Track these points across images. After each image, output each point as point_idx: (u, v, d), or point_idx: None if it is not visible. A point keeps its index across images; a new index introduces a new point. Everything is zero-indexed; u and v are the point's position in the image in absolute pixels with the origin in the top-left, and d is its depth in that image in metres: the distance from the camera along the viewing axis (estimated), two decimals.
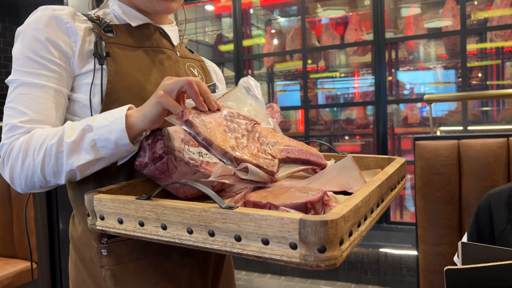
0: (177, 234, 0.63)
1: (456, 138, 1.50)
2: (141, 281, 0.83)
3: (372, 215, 0.68)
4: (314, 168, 0.83)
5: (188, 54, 1.04)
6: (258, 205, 0.64)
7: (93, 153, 0.73)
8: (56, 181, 0.75)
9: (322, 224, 0.51)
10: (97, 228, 0.72)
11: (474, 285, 0.90)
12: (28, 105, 0.76)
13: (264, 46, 3.89)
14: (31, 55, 0.78)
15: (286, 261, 0.54)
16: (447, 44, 3.35)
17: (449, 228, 1.49)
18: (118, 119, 0.72)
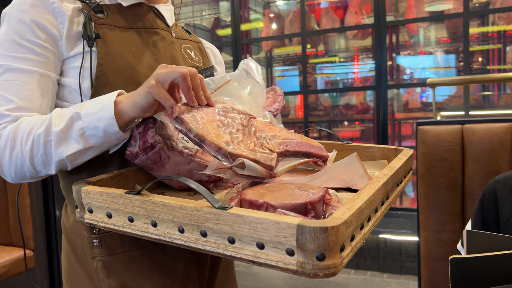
0: (168, 232, 0.59)
1: (460, 123, 1.46)
2: (134, 272, 0.80)
3: (376, 214, 0.63)
4: (315, 160, 0.79)
5: (184, 35, 0.99)
6: (254, 204, 0.60)
7: (82, 142, 0.70)
8: (47, 171, 0.72)
9: (322, 231, 0.47)
10: (86, 222, 0.69)
11: (479, 275, 0.87)
12: (15, 92, 0.73)
13: (263, 30, 3.82)
14: (17, 38, 0.74)
15: (282, 268, 0.50)
16: (449, 27, 3.29)
17: (452, 215, 1.46)
18: (106, 106, 0.68)
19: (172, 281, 0.83)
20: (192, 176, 0.78)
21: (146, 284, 0.81)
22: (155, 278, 0.81)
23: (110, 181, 0.73)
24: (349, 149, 0.95)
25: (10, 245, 2.35)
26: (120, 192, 0.63)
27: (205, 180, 0.80)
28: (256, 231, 0.51)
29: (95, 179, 0.71)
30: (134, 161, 0.75)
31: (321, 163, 0.80)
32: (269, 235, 0.50)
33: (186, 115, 0.66)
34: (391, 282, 2.87)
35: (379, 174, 0.69)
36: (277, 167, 0.72)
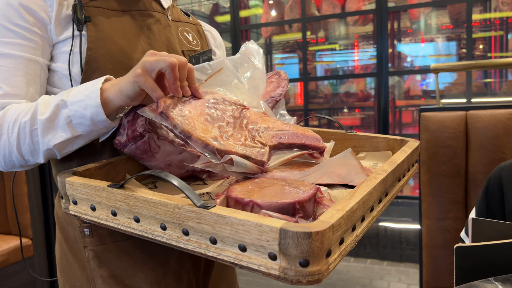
0: (150, 229, 0.57)
1: (464, 109, 1.43)
2: (126, 262, 0.78)
3: (372, 213, 0.60)
4: (311, 152, 0.75)
5: (182, 17, 0.95)
6: (240, 202, 0.57)
7: (69, 131, 0.67)
8: (35, 160, 0.70)
9: (306, 236, 0.43)
10: (71, 213, 0.66)
11: (484, 263, 0.85)
12: (2, 79, 0.71)
13: (262, 16, 3.76)
14: (4, 22, 0.72)
15: (264, 272, 0.47)
16: (451, 13, 3.24)
17: (455, 203, 1.44)
18: (93, 93, 0.65)
19: (166, 271, 0.81)
20: (183, 167, 0.75)
21: (138, 274, 0.79)
22: (148, 268, 0.79)
23: (98, 170, 0.70)
24: (352, 138, 0.92)
25: (8, 233, 2.34)
26: (102, 185, 0.61)
27: (198, 170, 0.77)
28: (238, 233, 0.48)
29: (82, 168, 0.68)
30: (123, 150, 0.72)
31: (318, 155, 0.76)
32: (251, 237, 0.47)
33: (171, 110, 0.63)
34: (391, 269, 2.86)
35: (377, 170, 0.65)
36: (269, 161, 0.68)
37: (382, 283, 2.69)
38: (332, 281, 2.74)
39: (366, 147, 0.91)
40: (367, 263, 2.98)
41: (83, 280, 0.80)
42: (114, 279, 0.78)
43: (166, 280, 0.81)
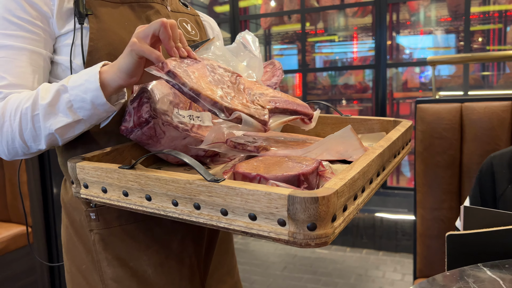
0: (162, 206, 0.59)
1: (459, 101, 1.45)
2: (130, 245, 0.81)
3: (371, 185, 0.63)
4: (302, 118, 0.78)
5: (181, 8, 0.97)
6: (247, 177, 0.59)
7: (71, 115, 0.69)
8: (37, 146, 0.72)
9: (313, 201, 0.46)
10: (82, 197, 0.68)
11: (475, 250, 0.88)
12: (6, 69, 0.72)
13: (261, 6, 3.76)
14: (8, 15, 0.73)
15: (274, 238, 0.50)
16: (450, 5, 3.24)
17: (449, 193, 1.46)
18: (92, 77, 0.67)
19: (168, 254, 0.84)
20: (188, 151, 0.77)
21: (142, 257, 0.81)
22: (151, 251, 0.82)
23: (105, 156, 0.72)
24: (348, 122, 0.95)
25: (8, 221, 2.36)
26: (114, 167, 0.63)
27: (201, 155, 0.79)
28: (248, 203, 0.51)
29: (89, 155, 0.70)
30: (129, 136, 0.74)
31: (307, 121, 0.79)
32: (260, 206, 0.50)
33: (178, 70, 0.64)
34: (386, 259, 2.90)
35: (375, 145, 0.69)
36: (269, 122, 0.71)
37: (377, 273, 2.72)
38: (329, 270, 2.78)
39: (361, 129, 0.94)
40: (363, 253, 3.02)
41: (88, 262, 0.82)
42: (119, 261, 0.80)
43: (168, 263, 0.84)
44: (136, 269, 0.81)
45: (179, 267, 0.85)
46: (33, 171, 2.31)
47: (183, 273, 0.86)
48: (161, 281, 0.83)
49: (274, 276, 2.73)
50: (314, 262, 2.91)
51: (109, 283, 0.80)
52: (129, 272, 0.81)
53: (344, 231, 3.14)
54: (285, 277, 2.70)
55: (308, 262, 2.91)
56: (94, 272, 0.82)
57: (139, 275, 0.81)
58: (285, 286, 2.60)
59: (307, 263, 2.90)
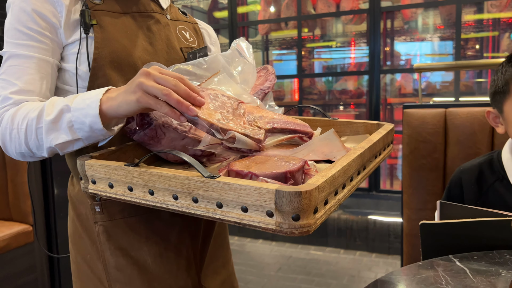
0: (164, 199, 0.66)
1: (444, 107, 1.53)
2: (131, 236, 0.87)
3: (352, 183, 0.70)
4: (301, 136, 0.85)
5: (180, 16, 1.03)
6: (240, 174, 0.66)
7: (70, 134, 0.74)
8: (40, 153, 0.77)
9: (297, 194, 0.53)
10: (90, 192, 0.75)
11: (448, 240, 0.94)
12: (18, 77, 0.79)
13: (259, 13, 3.84)
14: (19, 26, 0.80)
15: (263, 228, 0.57)
16: (443, 13, 3.32)
17: (433, 194, 1.53)
18: (93, 103, 0.72)
19: (167, 245, 0.90)
20: (186, 151, 0.84)
21: (142, 247, 0.88)
22: (151, 242, 0.89)
23: (111, 155, 0.79)
24: (335, 124, 1.02)
25: (10, 220, 2.41)
26: (120, 165, 0.69)
27: (198, 155, 0.86)
28: (240, 197, 0.58)
29: (97, 153, 0.77)
30: (133, 137, 0.81)
31: (307, 139, 0.86)
32: (251, 199, 0.57)
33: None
34: (379, 261, 2.96)
35: (356, 147, 0.76)
36: (265, 141, 0.78)
37: (369, 274, 2.79)
38: (322, 271, 2.84)
39: (347, 132, 1.01)
40: (357, 255, 3.08)
41: (93, 252, 0.89)
42: (121, 252, 0.87)
43: (167, 254, 0.90)
44: (137, 258, 0.88)
45: (176, 258, 0.92)
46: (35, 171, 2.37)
47: (180, 264, 0.92)
48: (160, 270, 0.89)
49: (268, 276, 2.79)
50: (308, 263, 2.97)
51: (112, 271, 0.87)
52: (130, 261, 0.87)
53: (338, 233, 3.21)
54: (279, 278, 2.76)
55: (303, 263, 2.97)
56: (98, 262, 0.88)
57: (139, 264, 0.88)
58: (279, 286, 2.66)
59: (301, 264, 2.96)
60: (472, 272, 0.82)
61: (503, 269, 0.83)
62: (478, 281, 0.78)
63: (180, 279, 0.92)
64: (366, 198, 3.30)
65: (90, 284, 0.90)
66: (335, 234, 3.21)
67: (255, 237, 3.43)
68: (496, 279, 0.79)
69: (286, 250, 3.19)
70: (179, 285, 0.92)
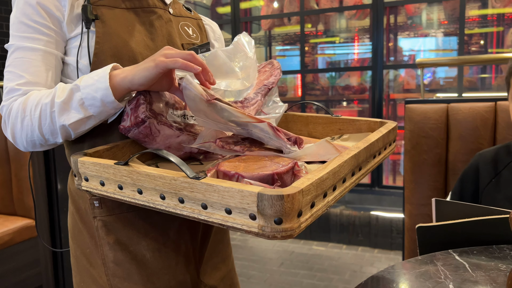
0: (152, 199, 0.66)
1: (446, 102, 1.52)
2: (131, 231, 0.88)
3: (344, 184, 0.68)
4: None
5: (184, 12, 1.03)
6: (227, 175, 0.66)
7: (82, 111, 0.76)
8: (54, 139, 0.79)
9: (278, 198, 0.52)
10: (83, 189, 0.75)
11: (444, 240, 0.94)
12: (24, 68, 0.80)
13: (262, 8, 3.83)
14: (24, 19, 0.81)
15: (246, 230, 0.56)
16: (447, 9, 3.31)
17: (435, 190, 1.53)
18: (102, 78, 0.74)
19: (166, 241, 0.90)
20: (182, 148, 0.84)
21: (141, 242, 0.88)
22: (150, 237, 0.89)
23: (106, 152, 0.79)
24: (337, 122, 1.00)
25: (14, 214, 2.43)
26: (110, 163, 0.70)
27: (195, 152, 0.86)
28: (224, 198, 0.57)
29: (92, 150, 0.77)
30: (127, 134, 0.81)
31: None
32: (234, 201, 0.56)
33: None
34: (381, 257, 2.97)
35: (352, 147, 0.74)
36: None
37: (372, 269, 2.79)
38: (324, 266, 2.85)
39: (349, 130, 0.99)
40: (359, 251, 3.09)
41: (92, 246, 0.89)
42: (120, 246, 0.87)
43: (166, 249, 0.90)
44: (136, 253, 0.88)
45: (175, 253, 0.92)
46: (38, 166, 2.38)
47: (179, 259, 0.92)
48: (158, 265, 0.90)
49: (271, 271, 2.80)
50: (311, 258, 2.98)
51: (111, 266, 0.87)
52: (129, 256, 0.88)
53: (341, 229, 3.21)
54: (281, 273, 2.77)
55: (305, 258, 2.98)
56: (97, 256, 0.89)
57: (138, 259, 0.88)
58: (281, 281, 2.67)
59: (303, 259, 2.97)
60: (471, 267, 0.82)
61: (502, 264, 0.83)
62: (477, 275, 0.79)
63: (179, 274, 0.92)
64: (368, 193, 3.30)
65: (89, 278, 0.91)
66: (337, 229, 3.22)
67: None
68: (495, 273, 0.80)
69: (288, 246, 3.20)
70: (177, 280, 0.92)
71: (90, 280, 0.90)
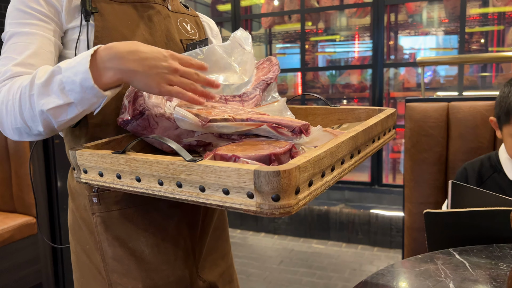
0: (150, 186, 0.66)
1: (446, 101, 1.52)
2: (129, 227, 0.88)
3: (343, 165, 0.69)
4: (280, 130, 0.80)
5: (182, 9, 1.03)
6: (224, 158, 0.66)
7: (62, 97, 0.70)
8: (36, 127, 0.73)
9: (275, 174, 0.53)
10: (82, 181, 0.75)
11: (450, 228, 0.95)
12: (19, 52, 0.78)
13: (263, 6, 3.82)
14: (21, 6, 0.80)
15: (245, 209, 0.57)
16: (447, 7, 3.30)
17: (435, 188, 1.53)
18: (83, 59, 0.68)
19: (164, 237, 0.91)
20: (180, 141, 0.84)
21: (140, 238, 0.88)
22: (148, 233, 0.89)
23: (104, 146, 0.79)
24: (336, 112, 1.00)
25: (14, 212, 2.43)
26: (107, 153, 0.70)
27: (194, 144, 0.86)
28: (221, 179, 0.57)
29: (89, 144, 0.77)
30: (126, 127, 0.81)
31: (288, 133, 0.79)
32: (231, 181, 0.57)
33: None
34: (380, 255, 2.97)
35: (350, 130, 0.74)
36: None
37: (371, 268, 2.79)
38: (324, 264, 2.85)
39: (349, 119, 0.99)
40: (358, 249, 3.09)
41: (91, 242, 0.89)
42: (119, 242, 0.87)
43: (164, 244, 0.91)
44: (135, 249, 0.88)
45: (174, 248, 0.92)
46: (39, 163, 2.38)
47: (178, 254, 0.93)
48: (157, 260, 0.90)
49: (270, 269, 2.80)
50: (310, 256, 2.98)
51: (110, 262, 0.88)
52: (128, 252, 0.88)
53: (340, 227, 3.22)
54: (281, 271, 2.77)
55: (304, 256, 2.98)
56: (96, 252, 0.89)
57: (137, 255, 0.88)
58: (281, 279, 2.67)
59: (303, 257, 2.97)
60: (471, 265, 0.82)
61: (502, 263, 0.83)
62: (477, 274, 0.79)
63: (178, 270, 0.92)
64: (368, 192, 3.30)
65: (89, 274, 0.91)
66: (337, 227, 3.22)
67: (257, 230, 3.44)
68: (495, 272, 0.80)
69: (288, 243, 3.20)
70: (176, 276, 0.92)
71: (90, 276, 0.91)
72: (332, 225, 3.23)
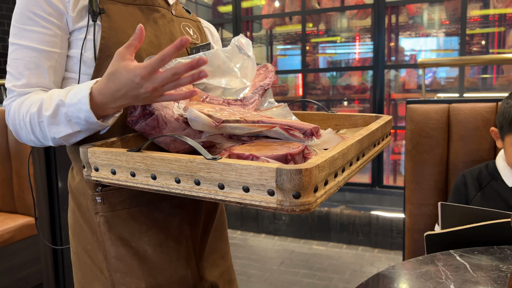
0: (166, 183, 0.67)
1: (447, 102, 1.52)
2: (132, 227, 0.88)
3: (351, 167, 0.71)
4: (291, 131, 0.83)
5: (184, 14, 1.05)
6: (241, 156, 0.67)
7: (70, 127, 0.77)
8: (47, 143, 0.81)
9: (297, 172, 0.54)
10: (92, 179, 0.76)
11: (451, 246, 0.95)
12: (20, 71, 0.81)
13: (263, 7, 3.83)
14: (26, 11, 0.81)
15: (265, 206, 0.58)
16: (448, 8, 3.30)
17: (436, 190, 1.53)
18: (83, 98, 0.73)
19: (167, 236, 0.91)
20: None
21: (143, 238, 0.89)
22: (151, 233, 0.90)
23: (112, 145, 0.80)
24: (334, 118, 1.03)
25: (14, 212, 2.43)
26: (122, 151, 0.71)
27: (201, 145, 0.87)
28: (242, 176, 0.59)
29: (99, 143, 0.78)
30: (134, 127, 0.82)
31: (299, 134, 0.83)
32: (252, 179, 0.58)
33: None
34: (381, 257, 2.97)
35: (355, 134, 0.77)
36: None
37: (371, 269, 2.79)
38: (324, 266, 2.85)
39: (346, 125, 1.02)
40: (359, 250, 3.09)
41: (93, 243, 0.90)
42: (122, 241, 0.88)
43: (167, 244, 0.91)
44: (138, 248, 0.89)
45: (177, 248, 0.93)
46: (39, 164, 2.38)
47: (180, 254, 0.93)
48: (160, 260, 0.90)
49: (271, 270, 2.80)
50: (311, 258, 2.98)
51: (112, 261, 0.88)
52: (131, 251, 0.88)
53: (341, 228, 3.21)
54: (281, 272, 2.77)
55: (305, 257, 2.98)
56: (98, 252, 0.89)
57: (140, 254, 0.89)
58: (281, 280, 2.67)
59: (303, 258, 2.97)
60: (472, 267, 0.82)
61: (503, 264, 0.83)
62: (478, 276, 0.79)
63: (180, 269, 0.93)
64: (369, 193, 3.30)
65: (90, 274, 0.91)
66: (337, 229, 3.22)
67: (258, 231, 3.44)
68: (496, 274, 0.80)
69: (288, 245, 3.20)
70: (178, 275, 0.93)
71: (92, 276, 0.91)
72: (333, 226, 3.23)
